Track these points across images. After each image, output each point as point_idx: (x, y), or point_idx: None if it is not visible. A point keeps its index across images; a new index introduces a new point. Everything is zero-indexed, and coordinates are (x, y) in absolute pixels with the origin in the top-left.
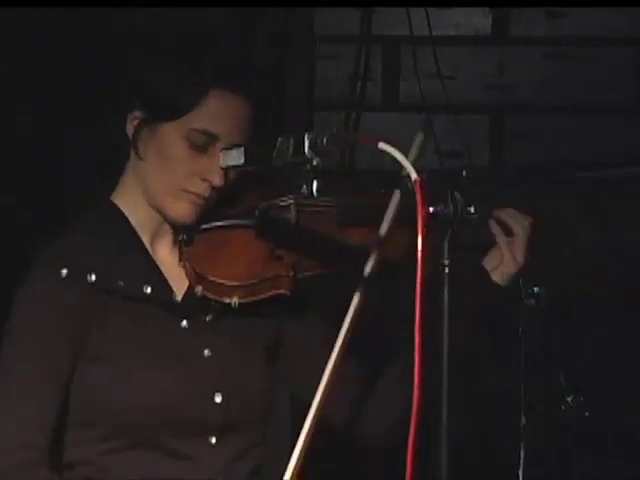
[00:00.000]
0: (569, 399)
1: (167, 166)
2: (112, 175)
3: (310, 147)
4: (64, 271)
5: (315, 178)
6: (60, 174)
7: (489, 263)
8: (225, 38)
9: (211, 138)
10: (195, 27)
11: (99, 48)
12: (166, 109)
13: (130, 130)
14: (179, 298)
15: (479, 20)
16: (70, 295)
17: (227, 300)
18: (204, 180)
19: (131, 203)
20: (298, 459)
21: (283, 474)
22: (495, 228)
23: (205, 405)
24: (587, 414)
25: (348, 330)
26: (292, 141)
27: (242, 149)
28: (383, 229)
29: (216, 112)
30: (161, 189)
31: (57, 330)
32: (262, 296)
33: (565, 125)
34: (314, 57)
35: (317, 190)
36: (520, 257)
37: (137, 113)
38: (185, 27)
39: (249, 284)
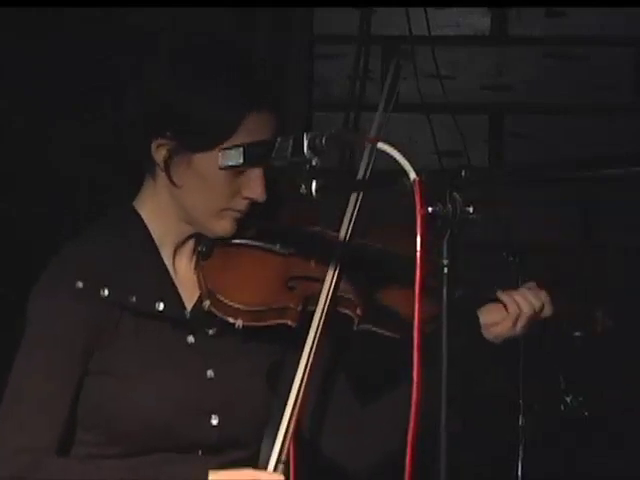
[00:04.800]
0: (569, 399)
1: (209, 191)
2: (131, 181)
3: (309, 147)
4: (79, 284)
5: (314, 178)
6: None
7: (486, 317)
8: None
9: None
10: (194, 27)
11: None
12: (205, 139)
13: (159, 157)
14: (189, 314)
15: (478, 20)
16: (84, 308)
17: (232, 320)
18: (246, 198)
19: (158, 216)
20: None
21: None
22: (509, 300)
23: (201, 426)
24: (587, 414)
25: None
26: (291, 141)
27: (241, 149)
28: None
29: (254, 132)
30: (203, 212)
31: (70, 343)
32: (266, 323)
33: (565, 125)
34: (314, 57)
35: (316, 190)
36: (520, 329)
37: (166, 141)
38: (185, 27)
39: (256, 310)
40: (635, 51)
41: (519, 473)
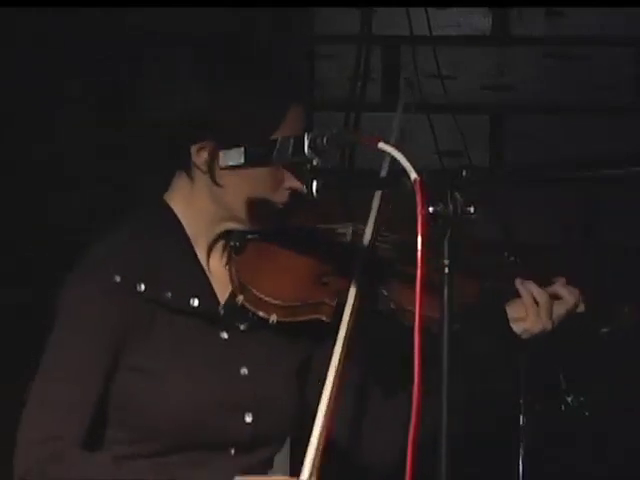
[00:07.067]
0: (569, 399)
1: (254, 187)
2: (163, 175)
3: (310, 147)
4: (117, 278)
5: (315, 178)
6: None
7: (513, 312)
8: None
9: None
10: (194, 28)
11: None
12: (248, 139)
13: (201, 160)
14: (222, 310)
15: (479, 20)
16: (121, 301)
17: (266, 316)
18: (288, 189)
19: (194, 215)
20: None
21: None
22: (523, 287)
23: (235, 424)
24: (587, 414)
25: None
26: (292, 141)
27: (242, 149)
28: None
29: (294, 125)
30: (248, 208)
31: (102, 334)
32: (301, 319)
33: (565, 125)
34: (314, 57)
35: (317, 190)
36: (546, 322)
37: (206, 143)
38: (186, 27)
39: (291, 306)
40: (635, 51)
41: (520, 473)
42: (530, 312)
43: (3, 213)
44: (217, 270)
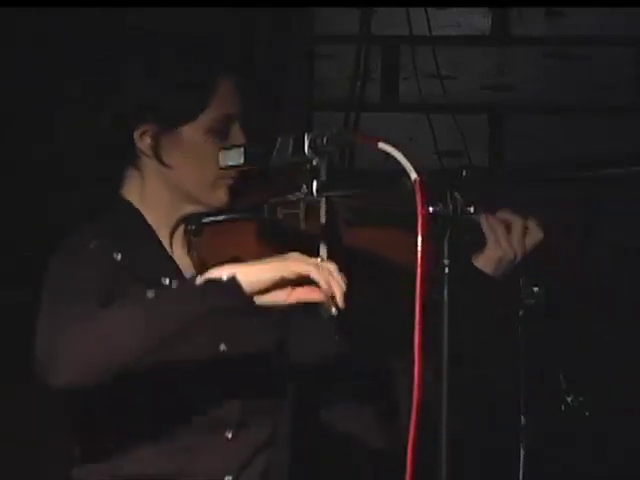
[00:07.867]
0: (569, 399)
1: (200, 163)
2: (114, 171)
3: (310, 147)
4: (93, 244)
5: (315, 178)
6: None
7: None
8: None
9: (229, 119)
10: (194, 27)
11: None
12: (183, 115)
13: (144, 145)
14: None
15: (479, 20)
16: (100, 261)
17: None
18: None
19: (150, 204)
20: None
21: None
22: (482, 217)
23: (222, 400)
24: (587, 414)
25: None
26: (292, 141)
27: (242, 149)
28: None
29: (228, 95)
30: (199, 185)
31: (88, 280)
32: None
33: (565, 125)
34: (314, 57)
35: (317, 190)
36: (504, 243)
37: (147, 126)
38: (184, 27)
39: None
40: (635, 51)
41: (520, 473)
42: (490, 239)
43: (3, 213)
44: (181, 258)
